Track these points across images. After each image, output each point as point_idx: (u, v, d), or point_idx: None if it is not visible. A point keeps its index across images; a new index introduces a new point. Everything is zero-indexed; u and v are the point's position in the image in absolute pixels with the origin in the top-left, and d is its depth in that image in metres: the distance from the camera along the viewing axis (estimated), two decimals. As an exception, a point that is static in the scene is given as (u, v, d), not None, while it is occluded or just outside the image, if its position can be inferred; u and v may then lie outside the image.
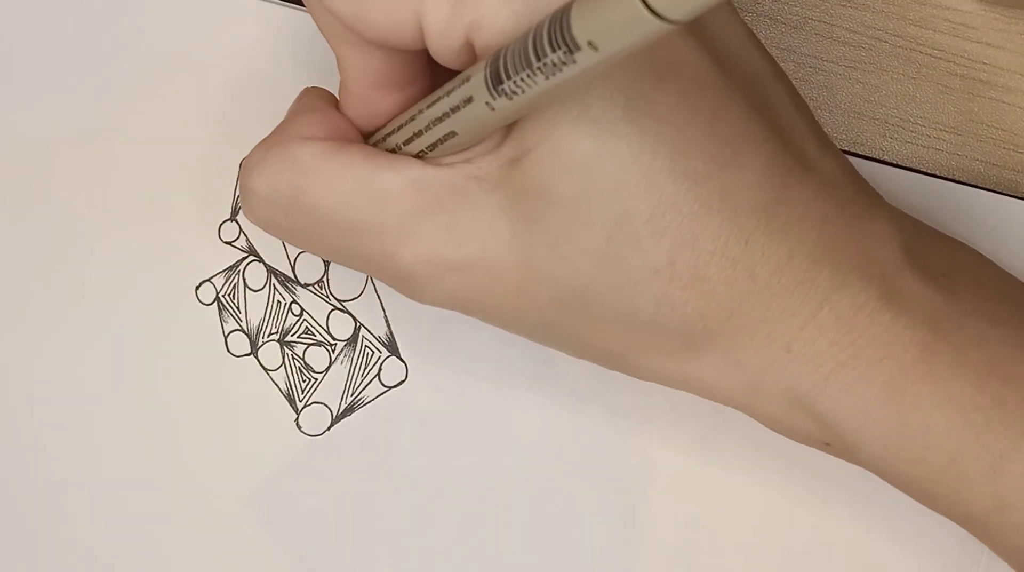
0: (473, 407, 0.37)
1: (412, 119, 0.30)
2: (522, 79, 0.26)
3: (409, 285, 0.31)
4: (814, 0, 0.38)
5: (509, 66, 0.26)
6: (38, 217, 0.38)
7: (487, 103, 0.27)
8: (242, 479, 0.37)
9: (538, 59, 0.25)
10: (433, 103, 0.29)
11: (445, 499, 0.37)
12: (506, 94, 0.26)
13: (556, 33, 0.24)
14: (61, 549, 0.37)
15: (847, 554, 0.37)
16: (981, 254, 0.34)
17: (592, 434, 0.37)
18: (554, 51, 0.24)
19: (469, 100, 0.28)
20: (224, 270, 0.38)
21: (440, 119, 0.29)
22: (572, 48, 0.24)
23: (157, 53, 0.38)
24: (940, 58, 0.38)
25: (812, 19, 0.39)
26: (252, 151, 0.31)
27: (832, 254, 0.31)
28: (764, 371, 0.31)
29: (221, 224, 0.38)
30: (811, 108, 0.38)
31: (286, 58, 0.38)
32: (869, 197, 0.33)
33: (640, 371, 0.33)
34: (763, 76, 0.32)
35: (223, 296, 0.38)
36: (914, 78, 0.38)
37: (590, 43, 0.24)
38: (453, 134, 0.29)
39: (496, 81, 0.26)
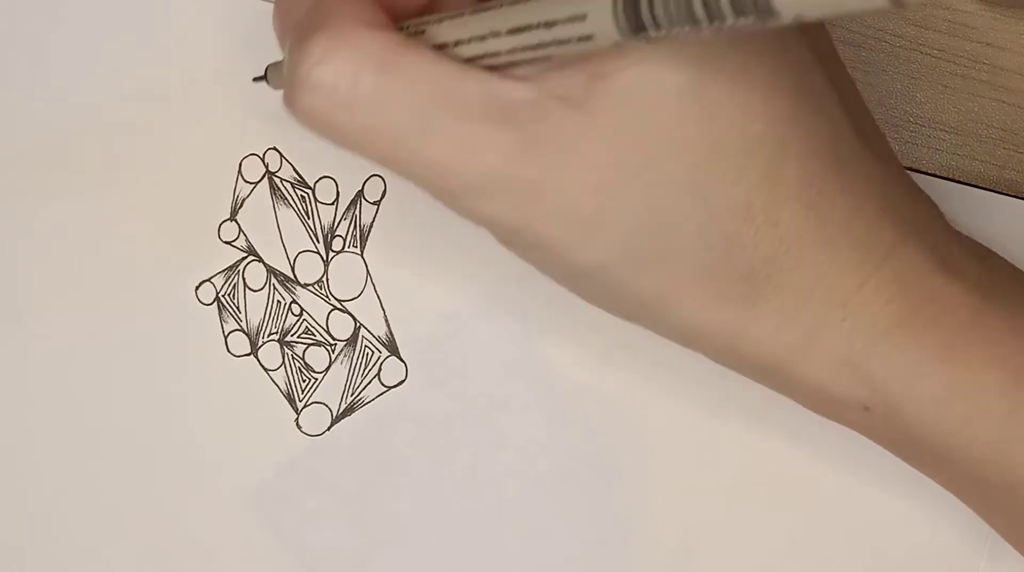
0: (473, 407, 0.37)
1: (482, 38, 0.28)
2: (675, 31, 0.24)
3: (464, 192, 0.29)
4: (814, 0, 0.38)
5: (661, 18, 0.24)
6: (38, 217, 0.38)
7: (613, 42, 0.25)
8: (242, 479, 0.37)
9: (711, 21, 0.24)
10: (520, 30, 0.27)
11: (445, 499, 0.37)
12: (647, 39, 0.25)
13: (747, 3, 0.23)
14: (61, 549, 0.37)
15: (847, 553, 0.37)
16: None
17: (592, 434, 0.37)
18: (737, 17, 0.23)
19: (588, 38, 0.26)
20: (224, 270, 0.38)
21: (521, 30, 0.27)
22: (767, 17, 0.23)
23: (157, 53, 0.38)
24: (940, 58, 0.38)
25: (812, 19, 0.39)
26: (308, 43, 0.28)
27: (893, 215, 0.31)
28: (818, 327, 0.31)
29: (221, 224, 0.38)
30: (811, 108, 0.38)
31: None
32: (910, 179, 0.33)
33: (688, 319, 0.31)
34: (831, 58, 0.32)
35: (223, 296, 0.38)
36: (914, 78, 0.38)
37: (793, 16, 0.23)
38: (535, 46, 0.27)
39: (638, 29, 0.25)
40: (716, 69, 0.28)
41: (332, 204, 0.38)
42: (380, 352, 0.38)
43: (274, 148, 0.38)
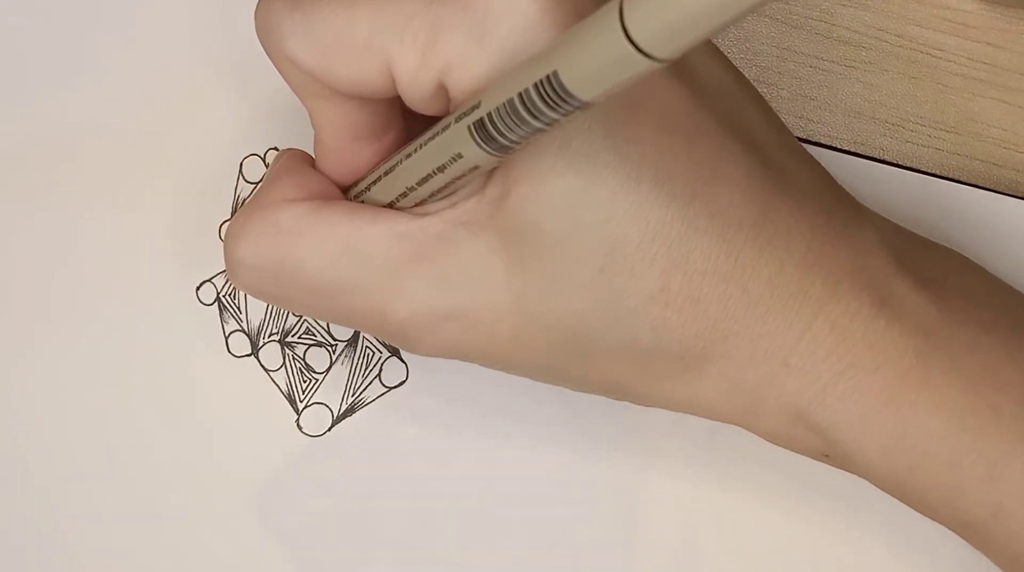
0: (473, 407, 0.37)
1: (390, 171, 0.30)
2: (518, 135, 0.26)
3: (405, 339, 0.31)
4: (814, 0, 0.38)
5: (500, 125, 0.26)
6: (39, 217, 0.38)
7: (477, 156, 0.27)
8: (243, 480, 0.37)
9: (533, 117, 0.25)
10: (413, 158, 0.29)
11: (445, 499, 0.37)
12: (502, 148, 0.26)
13: (548, 94, 0.24)
14: (61, 550, 0.37)
15: (847, 553, 0.37)
16: (968, 259, 0.34)
17: (592, 434, 0.37)
18: (550, 108, 0.25)
19: (458, 157, 0.27)
20: (225, 270, 0.38)
21: (425, 179, 0.29)
22: (572, 104, 0.24)
23: (158, 53, 0.38)
24: (940, 57, 0.38)
25: (812, 18, 0.39)
26: (233, 220, 0.31)
27: (822, 263, 0.31)
28: (764, 387, 0.31)
29: (222, 224, 0.38)
30: (811, 108, 0.38)
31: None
32: (852, 206, 0.33)
33: (643, 398, 0.33)
34: (733, 93, 0.32)
35: (224, 296, 0.38)
36: (914, 77, 0.38)
37: (586, 101, 0.24)
38: (440, 188, 0.29)
39: (487, 139, 0.26)
40: (601, 167, 0.29)
41: (333, 204, 0.38)
42: (381, 353, 0.38)
43: (275, 148, 0.38)
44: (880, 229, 0.33)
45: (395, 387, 0.38)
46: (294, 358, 0.38)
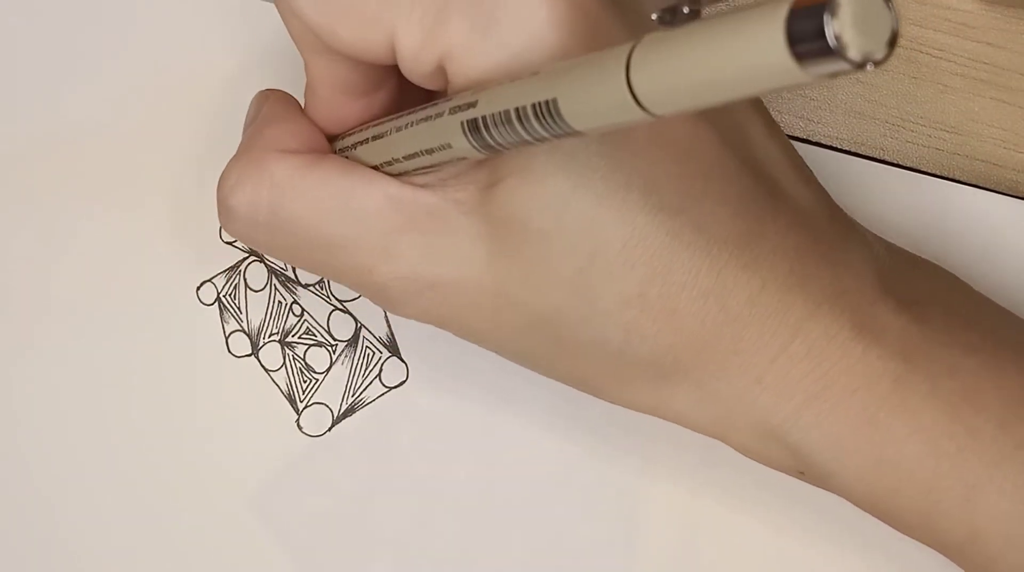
0: (473, 407, 0.37)
1: (379, 138, 0.30)
2: (508, 142, 0.26)
3: (386, 299, 0.31)
4: (814, 0, 0.38)
5: (492, 130, 0.26)
6: (39, 218, 0.38)
7: (465, 149, 0.27)
8: (243, 480, 0.37)
9: (526, 131, 0.25)
10: (403, 133, 0.29)
11: (445, 499, 0.37)
12: (492, 149, 0.27)
13: (545, 116, 0.24)
14: (61, 550, 0.37)
15: (847, 555, 0.37)
16: (956, 277, 0.34)
17: (592, 434, 0.37)
18: (541, 126, 0.25)
19: (448, 146, 0.28)
20: (225, 270, 0.38)
21: (412, 155, 0.29)
22: (563, 129, 0.24)
23: (157, 52, 0.38)
24: (941, 58, 0.38)
25: (812, 19, 0.39)
26: (227, 168, 0.31)
27: (805, 285, 0.30)
28: (735, 403, 0.31)
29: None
30: (811, 108, 0.38)
31: (286, 56, 0.38)
32: (844, 226, 0.33)
33: (611, 398, 0.33)
34: (737, 107, 0.32)
35: (224, 296, 0.38)
36: (914, 78, 0.38)
37: (578, 131, 0.24)
38: (426, 166, 0.29)
39: (478, 138, 0.27)
40: (591, 171, 0.29)
41: (333, 205, 0.38)
42: (381, 352, 0.38)
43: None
44: (870, 248, 0.33)
45: (395, 387, 0.38)
46: (294, 358, 0.38)
